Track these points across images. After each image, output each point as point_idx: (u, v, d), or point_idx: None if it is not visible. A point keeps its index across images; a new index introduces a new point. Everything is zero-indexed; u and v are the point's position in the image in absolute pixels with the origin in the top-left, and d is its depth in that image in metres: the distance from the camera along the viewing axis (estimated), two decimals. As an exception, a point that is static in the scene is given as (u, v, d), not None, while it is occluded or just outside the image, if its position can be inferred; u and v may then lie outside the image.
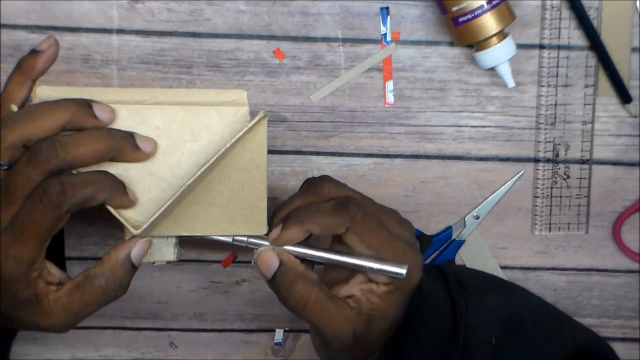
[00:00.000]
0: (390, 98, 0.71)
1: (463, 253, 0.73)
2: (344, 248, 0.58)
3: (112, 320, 0.74)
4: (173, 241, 0.57)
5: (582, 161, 0.72)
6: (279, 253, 0.56)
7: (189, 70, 0.70)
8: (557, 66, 0.70)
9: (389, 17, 0.70)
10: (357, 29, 0.70)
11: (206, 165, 0.54)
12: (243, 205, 0.56)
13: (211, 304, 0.74)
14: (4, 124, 0.51)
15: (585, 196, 0.72)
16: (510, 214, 0.73)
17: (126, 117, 0.54)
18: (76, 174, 0.52)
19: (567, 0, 0.69)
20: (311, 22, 0.69)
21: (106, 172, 0.53)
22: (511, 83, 0.67)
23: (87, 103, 0.53)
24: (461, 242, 0.73)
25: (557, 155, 0.71)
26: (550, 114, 0.71)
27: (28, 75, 0.55)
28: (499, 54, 0.66)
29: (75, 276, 0.55)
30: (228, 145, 0.55)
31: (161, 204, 0.54)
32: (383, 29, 0.70)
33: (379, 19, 0.70)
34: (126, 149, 0.53)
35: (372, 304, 0.57)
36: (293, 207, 0.58)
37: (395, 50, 0.70)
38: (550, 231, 0.73)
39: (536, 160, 0.72)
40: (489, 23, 0.65)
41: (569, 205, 0.72)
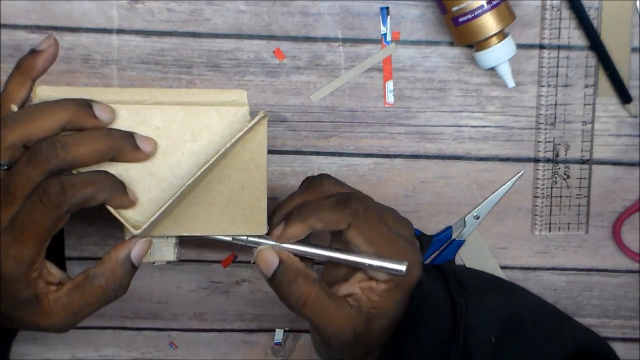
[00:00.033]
0: (390, 98, 0.71)
1: (463, 253, 0.73)
2: (344, 246, 0.58)
3: (112, 320, 0.74)
4: (173, 241, 0.57)
5: (582, 161, 0.72)
6: (279, 251, 0.56)
7: (189, 70, 0.70)
8: (557, 66, 0.70)
9: (389, 17, 0.70)
10: (357, 29, 0.70)
11: (206, 165, 0.54)
12: (243, 205, 0.56)
13: (211, 304, 0.74)
14: (4, 124, 0.51)
15: (585, 196, 0.72)
16: (510, 214, 0.73)
17: (126, 117, 0.54)
18: (76, 174, 0.52)
19: (567, 0, 0.69)
20: (311, 22, 0.69)
21: (106, 172, 0.53)
22: (511, 83, 0.67)
23: (87, 103, 0.53)
24: (461, 242, 0.73)
25: (557, 155, 0.71)
26: (550, 114, 0.71)
27: (28, 75, 0.55)
28: (499, 54, 0.66)
29: (75, 276, 0.55)
30: (228, 145, 0.55)
31: (161, 204, 0.54)
32: (383, 29, 0.70)
33: (379, 19, 0.70)
34: (126, 149, 0.53)
35: (372, 302, 0.57)
36: (293, 205, 0.58)
37: (395, 50, 0.70)
38: (550, 231, 0.73)
39: (536, 160, 0.72)
40: (489, 23, 0.65)
41: (569, 205, 0.72)
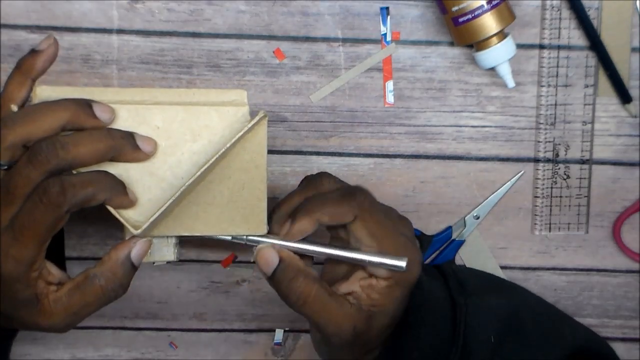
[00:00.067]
0: (390, 98, 0.71)
1: (463, 253, 0.73)
2: (344, 244, 0.58)
3: (112, 320, 0.74)
4: (173, 241, 0.57)
5: (582, 161, 0.72)
6: (279, 250, 0.56)
7: (189, 70, 0.70)
8: (557, 66, 0.70)
9: (389, 17, 0.70)
10: (357, 29, 0.70)
11: (206, 165, 0.54)
12: (243, 205, 0.56)
13: (211, 304, 0.74)
14: (4, 124, 0.51)
15: (585, 196, 0.72)
16: (510, 214, 0.73)
17: (126, 117, 0.54)
18: (76, 174, 0.52)
19: (567, 0, 0.69)
20: (311, 22, 0.69)
21: (106, 172, 0.53)
22: (511, 83, 0.67)
23: (87, 103, 0.53)
24: (461, 242, 0.73)
25: (557, 155, 0.71)
26: (550, 114, 0.71)
27: (28, 75, 0.55)
28: (499, 54, 0.66)
29: (75, 276, 0.55)
30: (228, 145, 0.54)
31: (161, 204, 0.54)
32: (383, 29, 0.70)
33: (379, 19, 0.70)
34: (126, 149, 0.53)
35: (372, 300, 0.57)
36: (293, 204, 0.57)
37: (395, 50, 0.70)
38: (550, 231, 0.73)
39: (536, 160, 0.72)
40: (489, 23, 0.65)
41: (569, 205, 0.72)
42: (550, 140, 0.71)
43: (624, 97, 0.70)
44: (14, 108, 0.54)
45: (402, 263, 0.56)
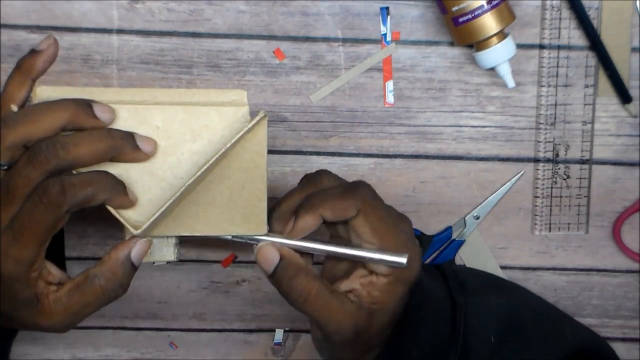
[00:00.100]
0: (390, 98, 0.71)
1: (463, 253, 0.73)
2: (344, 242, 0.58)
3: (112, 320, 0.74)
4: (173, 241, 0.57)
5: (582, 161, 0.72)
6: (279, 248, 0.56)
7: (189, 70, 0.70)
8: (557, 66, 0.70)
9: (389, 17, 0.70)
10: (357, 29, 0.70)
11: (206, 165, 0.54)
12: (243, 205, 0.56)
13: (211, 304, 0.74)
14: (4, 124, 0.51)
15: (585, 196, 0.72)
16: (510, 214, 0.73)
17: (126, 117, 0.54)
18: (76, 174, 0.52)
19: (567, 0, 0.69)
20: (311, 22, 0.69)
21: (106, 172, 0.53)
22: (511, 83, 0.67)
23: (87, 103, 0.53)
24: (461, 242, 0.73)
25: (557, 155, 0.71)
26: (550, 114, 0.71)
27: (28, 75, 0.55)
28: (499, 54, 0.66)
29: (75, 276, 0.55)
30: (228, 145, 0.54)
31: (161, 204, 0.53)
32: (383, 29, 0.70)
33: (379, 19, 0.70)
34: (126, 149, 0.53)
35: (373, 297, 0.57)
36: (293, 201, 0.57)
37: (395, 50, 0.70)
38: (550, 231, 0.73)
39: (536, 160, 0.72)
40: (489, 23, 0.65)
41: (569, 205, 0.72)
42: (550, 140, 0.71)
43: (624, 97, 0.70)
44: (14, 108, 0.54)
45: (403, 260, 0.56)
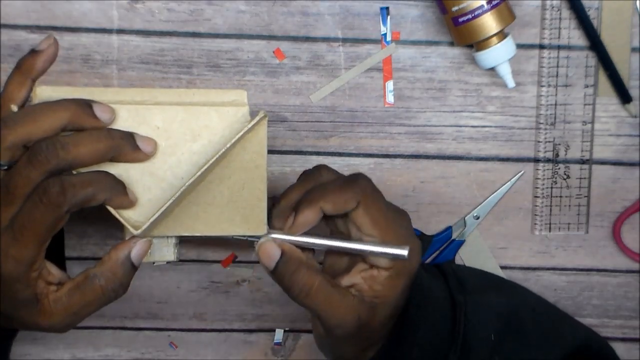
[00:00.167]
0: (390, 98, 0.71)
1: (463, 253, 0.73)
2: (344, 237, 0.58)
3: (112, 320, 0.74)
4: (173, 241, 0.57)
5: (582, 161, 0.72)
6: (280, 243, 0.56)
7: (189, 70, 0.70)
8: (557, 66, 0.70)
9: (389, 17, 0.70)
10: (357, 29, 0.70)
11: (206, 165, 0.54)
12: (243, 205, 0.56)
13: (211, 304, 0.74)
14: (4, 124, 0.51)
15: (585, 196, 0.72)
16: (510, 214, 0.73)
17: (126, 117, 0.54)
18: (76, 174, 0.52)
19: (567, 0, 0.69)
20: (311, 22, 0.69)
21: (106, 172, 0.53)
22: (511, 83, 0.67)
23: (87, 103, 0.53)
24: (461, 242, 0.73)
25: (557, 155, 0.71)
26: (550, 114, 0.71)
27: (28, 75, 0.55)
28: (499, 54, 0.66)
29: (75, 276, 0.55)
30: (228, 145, 0.54)
31: (161, 204, 0.54)
32: (383, 29, 0.70)
33: (379, 19, 0.70)
34: (126, 149, 0.53)
35: (375, 291, 0.57)
36: (293, 197, 0.57)
37: (395, 50, 0.70)
38: (550, 231, 0.73)
39: (536, 160, 0.72)
40: (489, 23, 0.65)
41: (569, 205, 0.72)
42: (550, 140, 0.71)
43: (624, 97, 0.70)
44: (14, 108, 0.54)
45: (404, 252, 0.56)
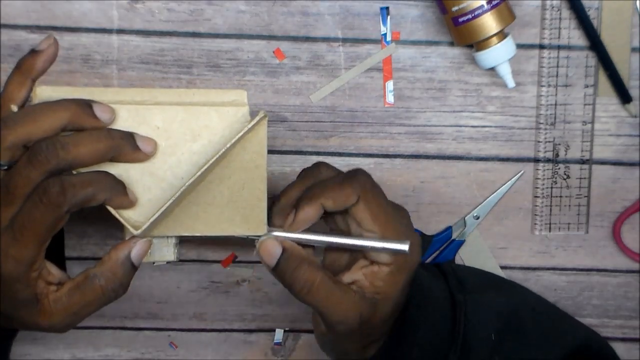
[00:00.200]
0: (390, 98, 0.71)
1: (463, 253, 0.73)
2: (344, 234, 0.58)
3: (112, 320, 0.74)
4: (173, 241, 0.57)
5: (582, 161, 0.72)
6: (281, 240, 0.56)
7: (189, 70, 0.70)
8: (557, 66, 0.70)
9: (389, 17, 0.70)
10: (357, 29, 0.70)
11: (206, 165, 0.54)
12: (243, 205, 0.56)
13: (211, 304, 0.74)
14: (4, 124, 0.51)
15: (585, 196, 0.72)
16: (510, 214, 0.73)
17: (126, 117, 0.54)
18: (76, 174, 0.52)
19: (567, 0, 0.69)
20: (311, 22, 0.69)
21: (106, 172, 0.53)
22: (511, 83, 0.67)
23: (88, 103, 0.53)
24: (461, 242, 0.73)
25: (557, 155, 0.71)
26: (550, 114, 0.71)
27: (28, 75, 0.55)
28: (499, 54, 0.66)
29: (75, 276, 0.55)
30: (228, 145, 0.54)
31: (161, 204, 0.54)
32: (383, 29, 0.70)
33: (379, 19, 0.70)
34: (126, 149, 0.53)
35: (376, 288, 0.57)
36: (293, 195, 0.57)
37: (395, 50, 0.70)
38: (550, 231, 0.73)
39: (536, 160, 0.72)
40: (489, 23, 0.65)
41: (569, 205, 0.72)
42: (550, 140, 0.71)
43: (624, 97, 0.70)
44: (14, 108, 0.54)
45: (405, 246, 0.56)
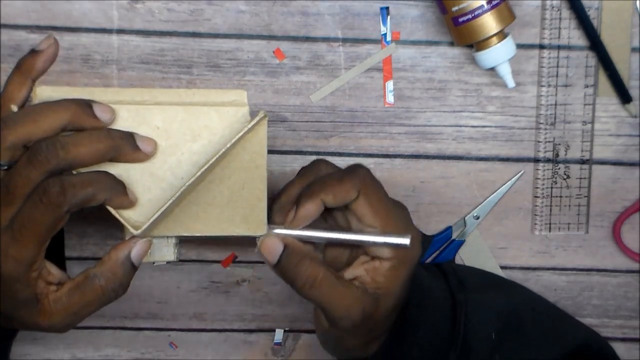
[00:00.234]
0: (390, 98, 0.71)
1: (463, 253, 0.73)
2: (344, 230, 0.58)
3: (112, 320, 0.74)
4: (173, 241, 0.57)
5: (582, 161, 0.72)
6: (283, 237, 0.56)
7: (189, 70, 0.70)
8: (557, 66, 0.70)
9: (389, 17, 0.70)
10: (357, 29, 0.70)
11: (206, 165, 0.54)
12: (243, 205, 0.56)
13: (211, 304, 0.74)
14: (4, 124, 0.51)
15: (585, 196, 0.72)
16: (510, 214, 0.73)
17: (126, 117, 0.54)
18: (76, 174, 0.52)
19: (567, 0, 0.69)
20: (311, 22, 0.69)
21: (106, 172, 0.53)
22: (511, 83, 0.67)
23: (88, 103, 0.53)
24: (461, 242, 0.73)
25: (557, 155, 0.71)
26: (550, 114, 0.71)
27: (28, 75, 0.55)
28: (499, 54, 0.66)
29: (75, 276, 0.55)
30: (228, 145, 0.54)
31: (161, 204, 0.54)
32: (383, 29, 0.70)
33: (379, 19, 0.70)
34: (126, 149, 0.53)
35: (378, 283, 0.57)
36: (293, 192, 0.57)
37: (395, 50, 0.70)
38: (550, 231, 0.73)
39: (536, 160, 0.72)
40: (489, 23, 0.65)
41: (569, 205, 0.72)
42: (550, 140, 0.71)
43: (624, 97, 0.70)
44: (14, 108, 0.54)
45: (406, 240, 0.56)
